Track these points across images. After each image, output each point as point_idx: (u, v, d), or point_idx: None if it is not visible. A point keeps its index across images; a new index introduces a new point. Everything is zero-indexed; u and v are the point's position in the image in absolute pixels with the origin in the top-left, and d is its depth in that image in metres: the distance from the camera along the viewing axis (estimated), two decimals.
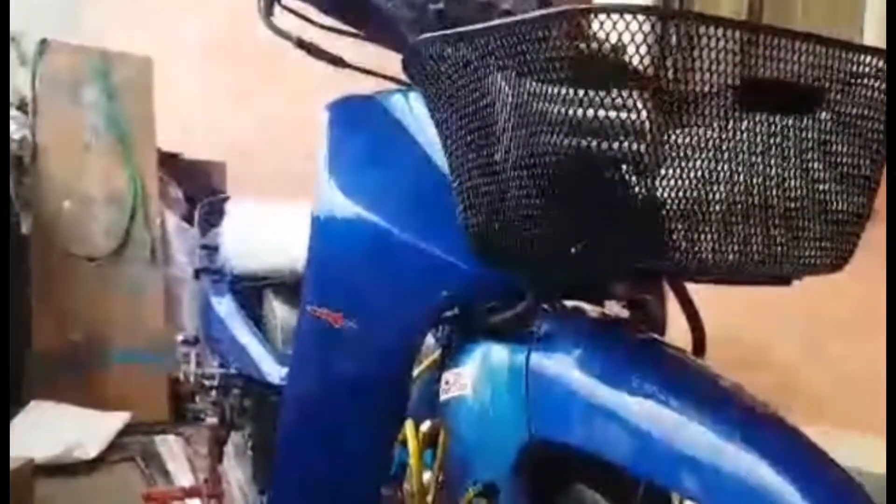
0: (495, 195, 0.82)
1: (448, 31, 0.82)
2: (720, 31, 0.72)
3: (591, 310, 1.00)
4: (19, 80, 3.38)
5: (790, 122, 0.77)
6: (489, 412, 0.92)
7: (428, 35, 0.84)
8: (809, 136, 0.79)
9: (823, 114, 0.78)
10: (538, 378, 0.88)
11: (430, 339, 1.05)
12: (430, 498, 0.92)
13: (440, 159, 0.92)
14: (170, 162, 3.74)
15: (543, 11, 0.75)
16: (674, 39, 0.73)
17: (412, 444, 0.91)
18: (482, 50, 0.79)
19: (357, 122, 1.10)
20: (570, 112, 0.75)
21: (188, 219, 3.53)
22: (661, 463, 0.77)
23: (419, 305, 0.96)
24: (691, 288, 1.00)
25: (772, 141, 0.78)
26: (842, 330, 3.11)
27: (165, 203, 3.58)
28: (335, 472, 1.07)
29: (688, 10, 2.96)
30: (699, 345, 0.99)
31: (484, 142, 0.82)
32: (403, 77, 0.95)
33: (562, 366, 0.88)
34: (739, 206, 0.80)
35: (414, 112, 0.98)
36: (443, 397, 0.96)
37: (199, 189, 3.82)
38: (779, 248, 0.81)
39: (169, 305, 3.44)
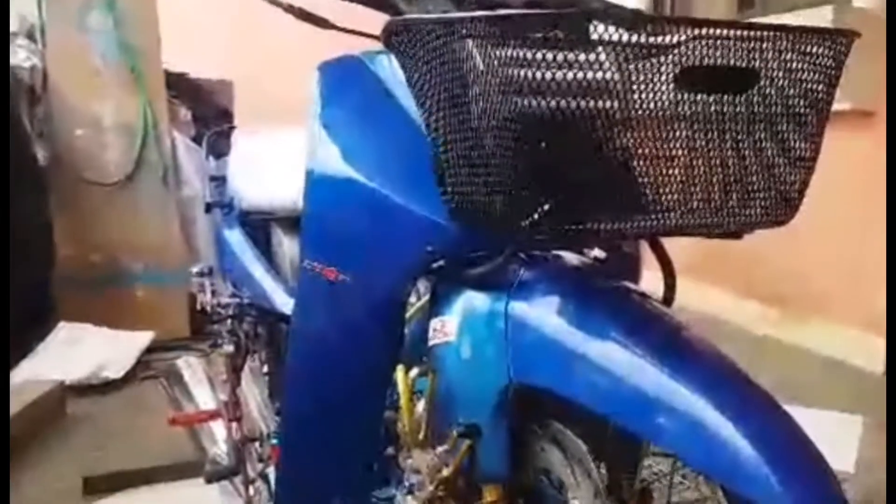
0: (472, 158, 0.85)
1: (426, 17, 0.86)
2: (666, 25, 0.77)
3: (569, 258, 1.05)
4: (26, 9, 3.37)
5: (733, 98, 0.82)
6: (472, 357, 0.98)
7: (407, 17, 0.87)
8: (751, 111, 0.83)
9: (761, 91, 0.83)
10: (517, 325, 0.94)
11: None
12: (420, 435, 0.99)
13: (422, 120, 0.95)
14: (176, 82, 3.74)
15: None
16: None
17: (402, 388, 0.97)
18: (456, 25, 0.83)
19: (346, 82, 1.13)
20: (541, 74, 0.78)
21: (197, 139, 3.57)
22: (628, 406, 0.83)
23: (405, 261, 1.01)
24: None
25: (718, 113, 0.82)
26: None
27: (174, 125, 3.61)
28: (339, 402, 1.14)
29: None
30: (670, 293, 1.04)
31: (459, 107, 0.85)
32: None
33: (539, 313, 0.93)
34: (700, 170, 0.85)
35: (397, 74, 1.01)
36: (430, 343, 1.02)
37: (207, 109, 3.84)
38: (734, 208, 0.86)
39: (184, 225, 3.52)
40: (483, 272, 0.97)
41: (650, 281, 1.08)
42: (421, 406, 1.01)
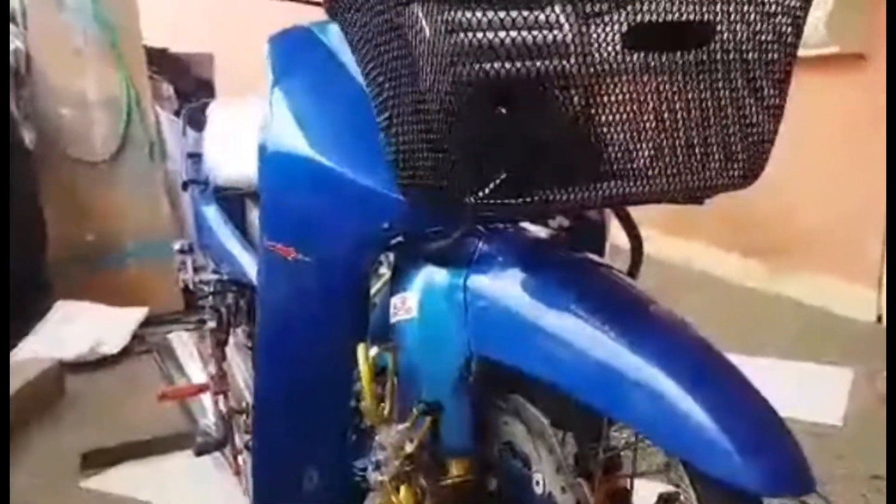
0: (420, 129, 0.80)
1: None
2: None
3: (531, 229, 1.01)
4: None
5: (688, 55, 0.77)
6: (432, 333, 0.95)
7: None
8: (713, 66, 0.78)
9: (722, 45, 0.78)
10: (476, 299, 0.91)
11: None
12: (386, 412, 0.97)
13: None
14: (157, 57, 3.68)
15: None
16: None
17: (363, 368, 0.95)
18: None
19: (296, 55, 1.09)
20: (491, 36, 0.73)
21: (179, 113, 3.52)
22: (588, 380, 0.80)
23: (362, 238, 0.98)
24: None
25: (676, 71, 0.77)
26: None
27: (158, 101, 3.56)
28: (307, 376, 1.11)
29: None
30: (636, 264, 1.01)
31: (405, 77, 0.80)
32: None
33: (499, 286, 0.90)
34: (663, 133, 0.80)
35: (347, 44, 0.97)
36: (392, 320, 0.99)
37: (188, 83, 3.78)
38: (700, 171, 0.82)
39: (172, 199, 3.48)
40: (441, 247, 0.94)
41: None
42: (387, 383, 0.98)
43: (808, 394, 2.30)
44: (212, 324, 1.77)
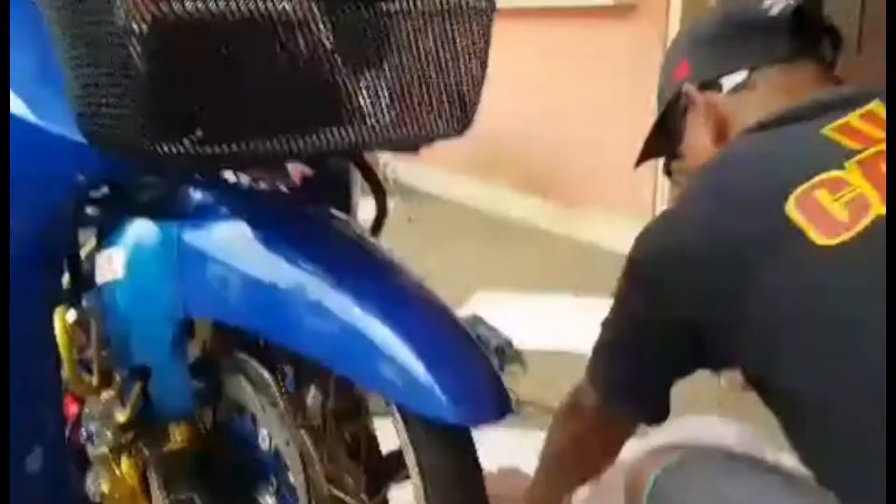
0: (103, 74, 0.71)
1: None
2: None
3: (257, 181, 0.95)
4: None
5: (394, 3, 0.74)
6: (142, 293, 0.87)
7: None
8: (419, 16, 0.76)
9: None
10: (190, 256, 0.84)
11: None
12: (94, 381, 0.88)
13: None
14: None
15: None
16: None
17: (60, 334, 0.85)
18: None
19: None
20: None
21: None
22: (306, 334, 0.77)
23: (59, 190, 0.86)
24: None
25: (377, 18, 0.74)
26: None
27: None
28: (10, 349, 1.00)
29: None
30: (381, 215, 0.97)
31: (86, 15, 0.71)
32: None
33: (215, 242, 0.83)
34: (379, 80, 0.77)
35: None
36: (98, 281, 0.90)
37: None
38: (409, 119, 0.79)
39: None
40: (150, 199, 0.85)
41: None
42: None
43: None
44: None
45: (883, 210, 0.73)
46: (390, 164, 3.30)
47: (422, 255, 2.58)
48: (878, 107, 0.81)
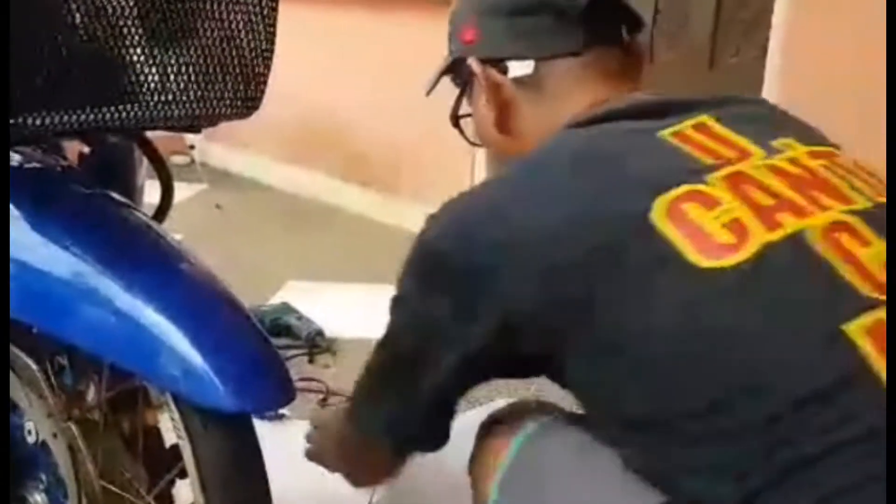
0: None
1: None
2: None
3: (33, 157, 0.88)
4: None
5: None
6: None
7: None
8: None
9: None
10: None
11: None
12: None
13: None
14: None
15: None
16: None
17: None
18: None
19: None
20: None
21: None
22: (74, 322, 0.74)
23: None
24: None
25: None
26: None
27: None
28: None
29: None
30: (164, 206, 0.93)
31: None
32: None
33: None
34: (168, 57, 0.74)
35: None
36: None
37: None
38: (201, 97, 0.77)
39: None
40: None
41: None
42: None
43: None
44: None
45: (770, 237, 0.64)
46: (198, 146, 3.17)
47: (230, 244, 2.51)
48: (708, 119, 0.73)
